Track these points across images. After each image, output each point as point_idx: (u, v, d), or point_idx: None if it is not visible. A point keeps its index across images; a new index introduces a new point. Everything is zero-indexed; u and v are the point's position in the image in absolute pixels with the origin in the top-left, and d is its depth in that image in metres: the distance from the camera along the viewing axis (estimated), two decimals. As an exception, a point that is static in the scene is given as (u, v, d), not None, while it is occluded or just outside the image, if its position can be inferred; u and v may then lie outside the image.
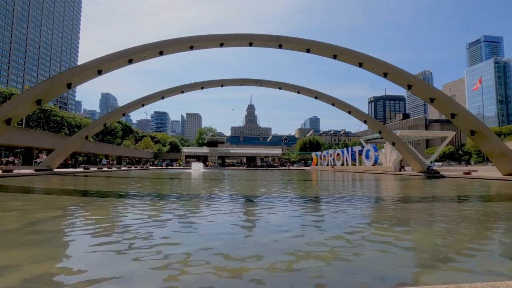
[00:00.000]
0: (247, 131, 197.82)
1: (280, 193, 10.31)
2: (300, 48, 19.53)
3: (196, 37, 18.99)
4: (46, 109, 47.33)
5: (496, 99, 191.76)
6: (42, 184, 14.29)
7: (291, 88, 28.35)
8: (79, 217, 5.47)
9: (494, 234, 4.29)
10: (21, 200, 7.77)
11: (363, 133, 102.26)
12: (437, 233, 4.33)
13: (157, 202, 7.76)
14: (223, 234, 4.09)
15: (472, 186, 13.31)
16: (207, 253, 3.16)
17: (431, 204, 7.54)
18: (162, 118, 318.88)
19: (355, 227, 4.65)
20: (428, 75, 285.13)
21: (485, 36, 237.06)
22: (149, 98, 27.30)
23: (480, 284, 1.81)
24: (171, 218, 5.38)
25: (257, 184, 15.02)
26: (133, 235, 4.03)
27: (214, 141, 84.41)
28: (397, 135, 30.38)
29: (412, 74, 19.89)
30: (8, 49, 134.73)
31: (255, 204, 7.50)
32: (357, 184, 15.72)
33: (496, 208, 7.19)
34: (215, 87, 29.10)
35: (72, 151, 30.05)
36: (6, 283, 2.30)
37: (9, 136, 28.97)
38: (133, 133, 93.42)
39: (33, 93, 17.71)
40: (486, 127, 19.29)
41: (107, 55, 18.14)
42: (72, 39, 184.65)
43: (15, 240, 3.73)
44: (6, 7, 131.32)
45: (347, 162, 41.14)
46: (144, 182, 16.51)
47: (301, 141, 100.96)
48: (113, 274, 2.61)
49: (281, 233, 4.16)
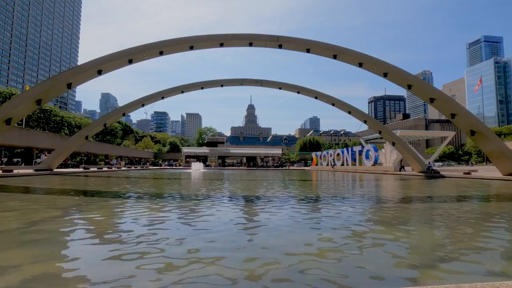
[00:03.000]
0: (247, 131, 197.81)
1: (280, 193, 10.30)
2: (300, 48, 19.53)
3: (196, 37, 18.98)
4: (46, 109, 47.30)
5: (496, 99, 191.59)
6: (42, 184, 14.28)
7: (291, 88, 28.36)
8: (79, 217, 5.47)
9: (494, 234, 4.29)
10: (21, 200, 7.77)
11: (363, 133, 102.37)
12: (437, 233, 4.33)
13: (157, 202, 7.76)
14: (224, 234, 4.09)
15: (472, 186, 13.31)
16: (207, 253, 3.16)
17: (431, 204, 7.54)
18: (162, 118, 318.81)
19: (355, 227, 4.65)
20: (428, 75, 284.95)
21: (485, 36, 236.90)
22: (149, 98, 27.31)
23: (480, 284, 1.81)
24: (172, 218, 5.38)
25: (257, 184, 15.01)
26: (133, 235, 4.03)
27: (214, 141, 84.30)
28: (397, 135, 30.39)
29: (412, 74, 19.89)
30: (8, 49, 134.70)
31: (255, 204, 7.50)
32: (357, 184, 15.71)
33: (496, 208, 7.19)
34: (215, 87, 29.11)
35: (72, 151, 30.05)
36: (6, 283, 2.30)
37: (9, 136, 28.99)
38: (133, 133, 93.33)
39: (33, 93, 17.71)
40: (486, 127, 19.29)
41: (107, 55, 18.15)
42: (72, 39, 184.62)
43: (15, 240, 3.73)
44: (6, 7, 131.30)
45: (347, 162, 41.12)
46: (145, 182, 16.51)
47: (301, 141, 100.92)
48: (113, 274, 2.61)
49: (281, 233, 4.16)
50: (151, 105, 29.54)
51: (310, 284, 2.42)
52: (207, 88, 28.85)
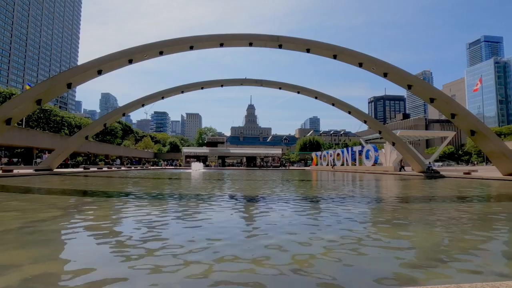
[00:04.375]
0: (247, 131, 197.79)
1: (280, 193, 10.30)
2: (300, 48, 19.53)
3: (196, 37, 18.99)
4: (46, 109, 47.29)
5: (496, 99, 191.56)
6: (42, 184, 14.28)
7: (291, 88, 28.37)
8: (79, 217, 5.47)
9: (494, 234, 4.29)
10: (21, 200, 7.77)
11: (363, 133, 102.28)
12: (437, 233, 4.33)
13: (157, 202, 7.76)
14: (224, 234, 4.09)
15: (472, 186, 13.31)
16: (208, 253, 3.16)
17: (431, 204, 7.54)
18: (162, 118, 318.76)
19: (355, 227, 4.65)
20: (428, 75, 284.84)
21: (485, 36, 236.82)
22: (149, 98, 27.32)
23: (480, 284, 1.81)
24: (172, 218, 5.38)
25: (257, 184, 15.01)
26: (133, 235, 4.03)
27: (214, 141, 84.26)
28: (397, 135, 30.39)
29: (412, 74, 19.90)
30: (8, 49, 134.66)
31: (255, 204, 7.50)
32: (357, 184, 15.72)
33: (496, 208, 7.19)
34: (215, 87, 29.13)
35: (72, 151, 30.05)
36: (6, 283, 2.30)
37: (9, 136, 29.00)
38: (133, 133, 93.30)
39: (33, 93, 17.72)
40: (486, 127, 19.29)
41: (107, 55, 18.15)
42: (72, 39, 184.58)
43: (15, 240, 3.73)
44: (6, 7, 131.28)
45: (347, 162, 41.12)
46: (145, 182, 16.50)
47: (301, 141, 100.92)
48: (113, 274, 2.61)
49: (281, 233, 4.16)
50: (151, 105, 29.56)
51: (310, 284, 2.42)
52: (207, 88, 28.87)
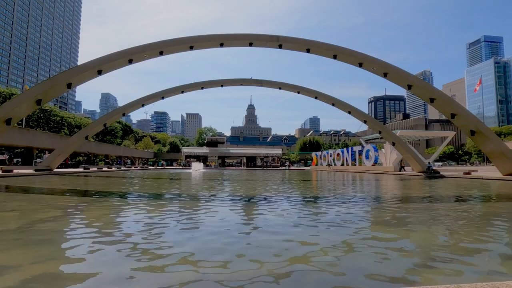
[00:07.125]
0: (247, 131, 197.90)
1: (280, 193, 10.30)
2: (300, 48, 19.53)
3: (196, 37, 18.98)
4: (46, 109, 47.32)
5: (496, 99, 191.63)
6: (42, 184, 14.28)
7: (291, 88, 28.36)
8: (79, 217, 5.47)
9: (494, 234, 4.29)
10: (21, 200, 7.77)
11: (363, 133, 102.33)
12: (437, 233, 4.33)
13: (157, 202, 7.76)
14: (224, 234, 4.09)
15: (472, 186, 13.31)
16: (208, 254, 3.16)
17: (431, 204, 7.54)
18: (162, 118, 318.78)
19: (355, 227, 4.64)
20: (428, 75, 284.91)
21: (485, 36, 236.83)
22: (149, 98, 27.30)
23: (480, 284, 1.81)
24: (172, 218, 5.38)
25: (257, 184, 15.01)
26: (133, 235, 4.03)
27: (214, 141, 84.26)
28: (397, 135, 30.37)
29: (412, 74, 19.90)
30: (8, 49, 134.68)
31: (255, 204, 7.50)
32: (357, 184, 15.71)
33: (496, 208, 7.19)
34: (215, 87, 29.11)
35: (72, 151, 30.05)
36: (6, 283, 2.30)
37: (9, 136, 28.94)
38: (133, 133, 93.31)
39: (33, 93, 17.71)
40: (486, 127, 19.29)
41: (107, 55, 18.14)
42: (72, 39, 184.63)
43: (15, 240, 3.73)
44: (6, 7, 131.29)
45: (347, 162, 41.13)
46: (145, 182, 16.50)
47: (301, 141, 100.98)
48: (113, 274, 2.61)
49: (281, 233, 4.16)
50: (151, 105, 29.55)
51: (310, 284, 2.42)
52: (207, 88, 28.86)
